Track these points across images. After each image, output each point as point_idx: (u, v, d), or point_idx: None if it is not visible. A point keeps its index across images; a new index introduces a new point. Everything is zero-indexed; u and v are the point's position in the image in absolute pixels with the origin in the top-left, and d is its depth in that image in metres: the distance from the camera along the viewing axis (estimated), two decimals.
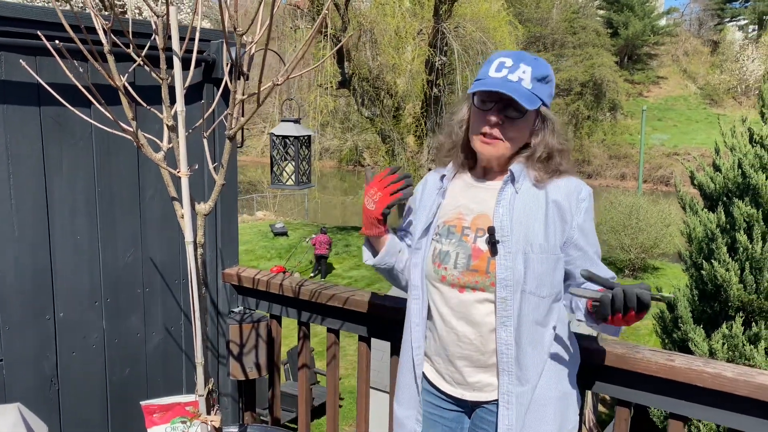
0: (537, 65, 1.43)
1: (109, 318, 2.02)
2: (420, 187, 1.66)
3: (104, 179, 1.95)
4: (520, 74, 1.40)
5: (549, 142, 1.46)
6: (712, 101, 39.06)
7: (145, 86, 1.96)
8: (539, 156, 1.46)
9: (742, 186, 5.20)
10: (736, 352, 4.84)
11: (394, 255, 1.64)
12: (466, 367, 1.47)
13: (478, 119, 1.45)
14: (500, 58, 1.43)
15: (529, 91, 1.39)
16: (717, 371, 1.45)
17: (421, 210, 1.59)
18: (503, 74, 1.40)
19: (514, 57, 1.43)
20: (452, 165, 1.57)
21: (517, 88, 1.38)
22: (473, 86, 1.42)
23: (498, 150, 1.45)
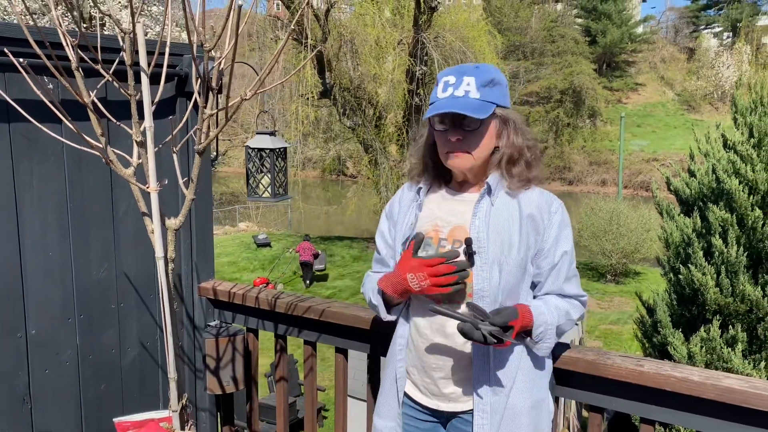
0: (479, 72, 1.45)
1: (83, 334, 2.01)
2: (396, 201, 1.67)
3: (76, 195, 1.94)
4: (465, 87, 1.43)
5: (515, 141, 1.49)
6: (689, 107, 39.68)
7: (117, 101, 1.96)
8: (509, 157, 1.48)
9: (717, 191, 5.29)
10: (714, 354, 4.90)
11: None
12: (441, 379, 1.49)
13: (441, 140, 1.49)
14: (444, 78, 1.47)
15: (478, 101, 1.42)
16: (684, 375, 1.47)
17: (399, 223, 1.60)
18: (449, 93, 1.44)
19: (456, 72, 1.46)
20: (425, 180, 1.59)
21: (464, 103, 1.41)
22: (427, 111, 1.45)
23: (467, 161, 1.48)
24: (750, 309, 4.84)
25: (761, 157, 5.02)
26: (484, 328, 1.32)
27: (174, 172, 2.09)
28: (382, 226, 1.68)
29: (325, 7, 16.33)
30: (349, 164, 33.86)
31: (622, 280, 15.04)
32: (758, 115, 5.20)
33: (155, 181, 1.38)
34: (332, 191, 32.57)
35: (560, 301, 1.53)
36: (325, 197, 30.81)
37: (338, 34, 17.13)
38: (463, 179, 1.55)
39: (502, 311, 1.37)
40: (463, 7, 22.05)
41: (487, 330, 1.32)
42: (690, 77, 41.24)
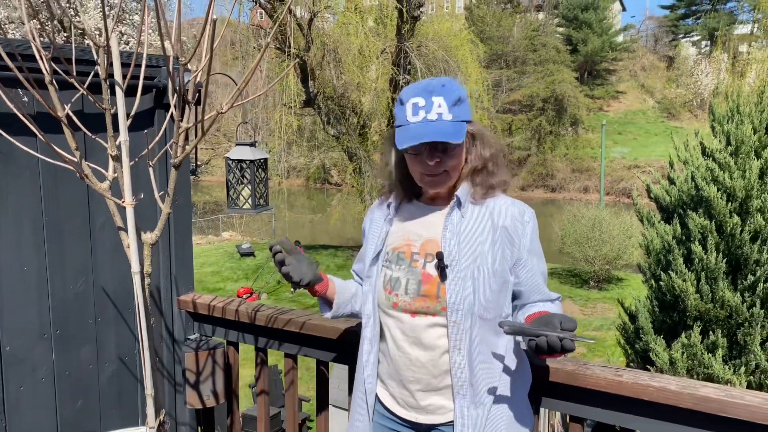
0: (447, 91, 1.43)
1: (59, 350, 1.98)
2: (368, 217, 1.67)
3: (52, 209, 1.92)
4: (436, 110, 1.40)
5: (482, 154, 1.49)
6: (669, 115, 40.21)
7: (95, 114, 1.94)
8: (474, 167, 1.49)
9: (696, 198, 5.35)
10: (695, 360, 4.94)
11: (348, 302, 1.64)
12: (419, 391, 1.48)
13: (415, 164, 1.46)
14: (412, 100, 1.43)
15: (452, 122, 1.41)
16: (662, 385, 1.48)
17: (370, 238, 1.60)
18: (421, 117, 1.41)
19: (424, 93, 1.42)
20: (396, 196, 1.59)
21: (441, 128, 1.39)
22: (400, 138, 1.41)
23: (444, 182, 1.48)
24: (729, 315, 4.90)
25: (738, 165, 5.09)
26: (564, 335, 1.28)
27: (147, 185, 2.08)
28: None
29: (308, 17, 16.37)
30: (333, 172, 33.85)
31: (605, 287, 15.14)
32: (735, 123, 5.28)
33: (131, 195, 1.37)
34: (317, 200, 32.51)
35: (554, 305, 1.56)
36: (310, 206, 30.73)
37: (321, 43, 17.15)
38: (434, 194, 1.55)
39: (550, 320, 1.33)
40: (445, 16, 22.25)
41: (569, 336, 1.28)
42: (670, 85, 41.83)
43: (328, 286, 1.60)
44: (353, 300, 1.66)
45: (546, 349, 1.28)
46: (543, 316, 1.38)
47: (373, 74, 17.65)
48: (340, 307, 1.63)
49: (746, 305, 4.80)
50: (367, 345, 1.55)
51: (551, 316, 1.35)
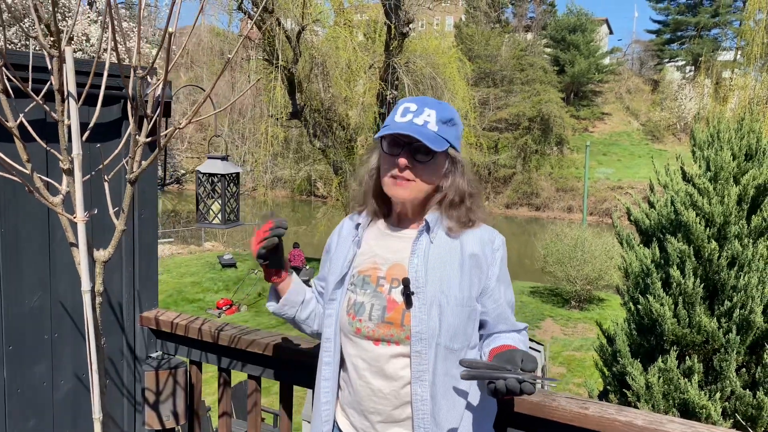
0: (441, 108, 1.43)
1: (11, 366, 1.90)
2: (335, 234, 1.62)
3: (9, 219, 1.85)
4: (425, 117, 1.40)
5: (459, 185, 1.45)
6: (653, 137, 40.73)
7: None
8: (451, 200, 1.45)
9: (675, 223, 5.37)
10: (671, 385, 4.92)
11: (295, 306, 1.59)
12: (380, 423, 1.42)
13: (387, 163, 1.43)
14: (405, 104, 1.43)
15: (435, 134, 1.39)
16: (628, 419, 1.45)
17: (336, 259, 1.55)
18: (408, 119, 1.40)
19: (419, 102, 1.43)
20: (366, 213, 1.55)
21: (422, 131, 1.37)
22: (381, 130, 1.40)
23: (410, 192, 1.43)
24: (706, 340, 4.90)
25: (717, 191, 5.12)
26: (525, 377, 1.22)
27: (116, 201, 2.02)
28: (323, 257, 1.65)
29: (297, 29, 16.39)
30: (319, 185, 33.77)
31: (586, 307, 15.18)
32: (714, 149, 5.32)
33: (82, 210, 1.31)
34: (301, 212, 32.39)
35: (520, 336, 1.52)
36: (295, 218, 30.59)
37: (310, 56, 17.18)
38: (401, 212, 1.50)
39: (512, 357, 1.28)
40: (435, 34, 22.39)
41: (530, 377, 1.23)
42: (654, 108, 42.43)
43: (286, 280, 1.57)
44: (303, 307, 1.60)
45: (504, 392, 1.23)
46: (505, 351, 1.33)
47: (361, 89, 17.70)
48: (286, 307, 1.58)
49: (722, 331, 4.80)
50: (326, 371, 1.49)
51: (514, 353, 1.29)
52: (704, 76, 39.28)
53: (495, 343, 1.45)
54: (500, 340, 1.46)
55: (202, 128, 29.05)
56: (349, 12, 17.35)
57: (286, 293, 1.57)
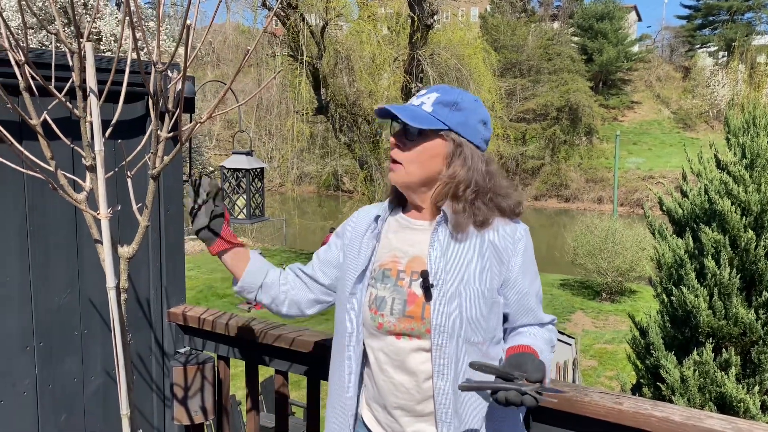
0: (446, 92, 1.39)
1: (42, 362, 1.92)
2: (353, 219, 1.58)
3: (37, 218, 1.87)
4: (423, 99, 1.39)
5: (459, 174, 1.37)
6: (685, 125, 39.86)
7: None
8: (452, 190, 1.39)
9: (709, 212, 5.23)
10: (707, 378, 4.81)
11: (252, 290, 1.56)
12: (404, 417, 1.40)
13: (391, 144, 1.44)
14: (423, 90, 1.43)
15: (426, 113, 1.36)
16: (665, 415, 1.40)
17: (352, 251, 1.50)
18: (409, 101, 1.40)
19: (432, 88, 1.41)
20: (388, 204, 1.52)
21: (407, 108, 1.36)
22: None
23: (399, 176, 1.41)
24: (743, 332, 4.77)
25: (753, 178, 4.97)
26: (527, 389, 1.17)
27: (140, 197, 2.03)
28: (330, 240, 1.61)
29: (321, 24, 16.41)
30: (345, 179, 33.85)
31: (617, 299, 14.95)
32: (750, 135, 5.17)
33: (106, 207, 1.31)
34: (328, 207, 32.48)
35: (544, 331, 1.47)
36: (321, 213, 30.70)
37: (334, 50, 17.19)
38: (411, 202, 1.47)
39: (522, 363, 1.23)
40: (459, 25, 22.20)
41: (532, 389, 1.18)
42: (685, 96, 41.49)
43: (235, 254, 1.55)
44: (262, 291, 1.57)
45: (504, 404, 1.19)
46: (517, 355, 1.27)
47: (386, 82, 17.65)
48: (244, 291, 1.57)
49: (761, 323, 4.67)
50: (349, 365, 1.46)
51: (524, 358, 1.24)
52: (738, 61, 38.31)
53: (514, 342, 1.41)
54: (520, 338, 1.41)
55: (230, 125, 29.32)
56: (372, 5, 17.31)
57: (242, 275, 1.54)
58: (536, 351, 1.33)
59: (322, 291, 1.58)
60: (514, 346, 1.36)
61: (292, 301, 1.58)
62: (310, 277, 1.59)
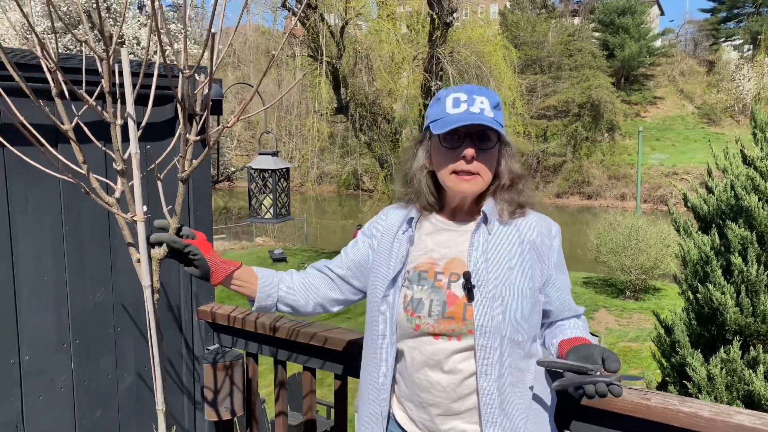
0: (489, 94, 1.39)
1: (78, 360, 1.98)
2: (380, 221, 1.57)
3: (72, 218, 1.92)
4: (479, 105, 1.35)
5: (512, 167, 1.42)
6: (709, 120, 39.23)
7: None
8: (503, 184, 1.42)
9: (736, 208, 5.16)
10: (734, 376, 4.75)
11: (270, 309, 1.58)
12: (439, 416, 1.41)
13: (447, 158, 1.38)
14: (453, 95, 1.38)
15: (493, 120, 1.36)
16: (693, 411, 1.40)
17: (382, 254, 1.50)
18: (463, 108, 1.35)
19: (466, 90, 1.39)
20: (417, 208, 1.50)
21: (484, 118, 1.34)
22: (438, 126, 1.36)
23: (476, 185, 1.39)
24: None
25: None
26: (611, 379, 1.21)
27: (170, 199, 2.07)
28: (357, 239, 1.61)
29: (340, 24, 16.47)
30: (365, 179, 33.93)
31: (641, 297, 14.78)
32: None
33: (140, 209, 1.35)
34: (348, 206, 32.60)
35: (582, 322, 1.52)
36: (341, 212, 30.83)
37: (354, 50, 17.24)
38: (458, 206, 1.46)
39: (592, 354, 1.27)
40: (479, 22, 22.12)
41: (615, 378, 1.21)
42: (710, 90, 40.82)
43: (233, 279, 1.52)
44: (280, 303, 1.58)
45: (593, 396, 1.22)
46: (581, 347, 1.31)
47: (405, 81, 17.66)
48: (265, 307, 1.57)
49: None
50: (383, 368, 1.46)
51: (591, 349, 1.27)
52: (764, 54, 37.59)
53: (564, 335, 1.43)
54: (569, 332, 1.44)
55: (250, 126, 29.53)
56: (391, 4, 17.31)
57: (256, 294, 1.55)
58: (590, 342, 1.37)
59: (351, 291, 1.60)
60: (568, 339, 1.40)
61: (317, 303, 1.60)
62: (340, 277, 1.60)
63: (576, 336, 1.41)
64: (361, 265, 1.57)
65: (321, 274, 1.62)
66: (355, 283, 1.59)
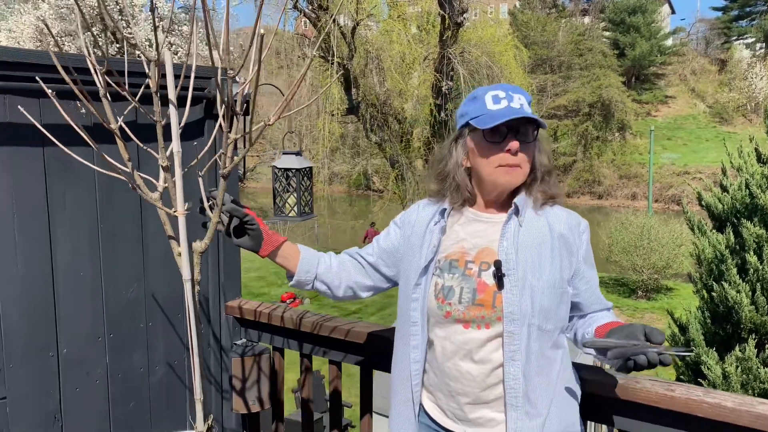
0: (524, 93, 1.46)
1: (112, 353, 2.04)
2: (412, 213, 1.62)
3: (107, 216, 1.98)
4: (519, 102, 1.42)
5: (542, 161, 1.49)
6: (721, 119, 38.97)
7: (147, 124, 2.01)
8: (534, 176, 1.48)
9: (750, 206, 5.17)
10: (750, 375, 4.76)
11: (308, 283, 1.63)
12: (468, 404, 1.46)
13: (492, 151, 1.43)
14: (491, 92, 1.44)
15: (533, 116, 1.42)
16: (717, 401, 1.44)
17: (414, 244, 1.56)
18: (504, 105, 1.41)
19: (503, 88, 1.45)
20: (450, 201, 1.55)
21: (527, 112, 1.41)
22: (482, 121, 1.41)
23: (518, 177, 1.45)
24: None
25: None
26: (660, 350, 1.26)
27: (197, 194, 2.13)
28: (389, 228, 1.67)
29: (351, 25, 16.52)
30: (375, 179, 33.99)
31: (653, 296, 14.74)
32: None
33: (182, 205, 1.40)
34: (358, 206, 32.64)
35: (612, 315, 1.56)
36: (351, 212, 30.88)
37: (364, 50, 17.28)
38: (490, 199, 1.51)
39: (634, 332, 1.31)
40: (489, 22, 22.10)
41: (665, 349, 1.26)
42: (722, 89, 40.55)
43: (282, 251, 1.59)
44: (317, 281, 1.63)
45: (646, 366, 1.26)
46: (622, 326, 1.36)
47: (416, 81, 17.69)
48: (300, 283, 1.63)
49: None
50: (415, 354, 1.52)
51: (633, 327, 1.32)
52: None
53: (598, 323, 1.48)
54: (602, 319, 1.50)
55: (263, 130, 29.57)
56: (402, 5, 17.35)
57: (296, 269, 1.61)
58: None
59: (380, 279, 1.66)
60: (603, 325, 1.45)
61: (348, 286, 1.66)
62: (371, 265, 1.65)
63: (611, 321, 1.47)
64: (391, 254, 1.63)
65: (353, 260, 1.68)
66: (384, 270, 1.64)
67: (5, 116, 1.74)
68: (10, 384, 1.80)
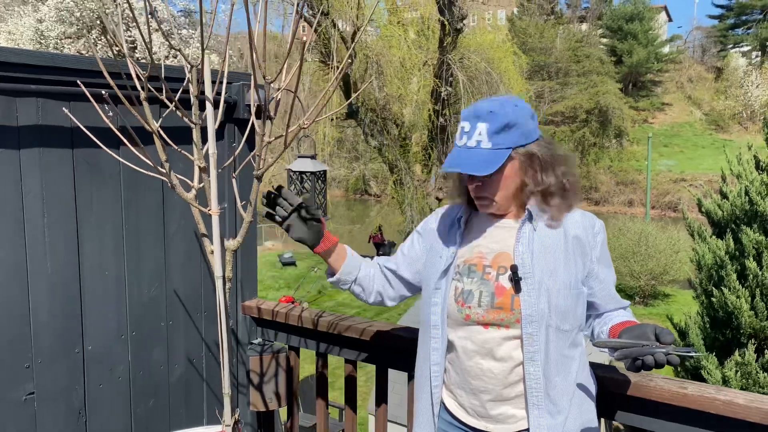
0: (493, 118, 1.44)
1: (135, 351, 2.09)
2: (431, 222, 1.69)
3: (131, 215, 2.03)
4: (476, 137, 1.45)
5: (543, 179, 1.48)
6: (717, 127, 39.22)
7: (171, 127, 2.05)
8: (542, 193, 1.50)
9: (750, 213, 5.24)
10: (749, 379, 4.82)
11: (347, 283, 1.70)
12: (490, 401, 1.51)
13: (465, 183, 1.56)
14: (462, 123, 1.49)
15: (489, 151, 1.43)
16: (729, 398, 1.49)
17: (435, 249, 1.62)
18: (464, 142, 1.47)
19: (471, 117, 1.47)
20: (466, 206, 1.62)
21: (474, 156, 1.43)
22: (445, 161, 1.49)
23: (489, 208, 1.53)
24: None
25: None
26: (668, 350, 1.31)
27: (222, 195, 2.18)
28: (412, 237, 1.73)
29: (351, 30, 16.60)
30: (372, 183, 34.04)
31: (651, 303, 14.83)
32: None
33: (216, 204, 1.46)
34: (356, 210, 32.69)
35: (628, 314, 1.61)
36: (349, 216, 30.92)
37: (364, 55, 17.35)
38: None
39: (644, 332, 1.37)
40: (488, 28, 22.24)
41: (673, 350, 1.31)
42: (718, 97, 40.82)
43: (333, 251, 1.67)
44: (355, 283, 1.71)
45: (653, 367, 1.32)
46: (632, 327, 1.41)
47: (415, 86, 17.75)
48: (340, 282, 1.71)
49: None
50: (435, 356, 1.57)
51: (644, 328, 1.38)
52: None
53: (612, 321, 1.53)
54: (617, 318, 1.54)
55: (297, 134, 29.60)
56: (402, 10, 17.45)
57: (339, 268, 1.68)
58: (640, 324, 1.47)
59: (404, 287, 1.73)
60: (617, 324, 1.50)
61: (378, 293, 1.74)
62: (393, 273, 1.73)
63: (625, 320, 1.51)
64: (415, 260, 1.70)
65: (382, 271, 1.75)
66: (407, 276, 1.70)
67: (37, 119, 1.79)
68: (38, 380, 1.85)
